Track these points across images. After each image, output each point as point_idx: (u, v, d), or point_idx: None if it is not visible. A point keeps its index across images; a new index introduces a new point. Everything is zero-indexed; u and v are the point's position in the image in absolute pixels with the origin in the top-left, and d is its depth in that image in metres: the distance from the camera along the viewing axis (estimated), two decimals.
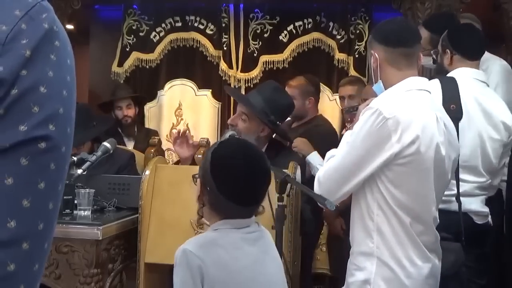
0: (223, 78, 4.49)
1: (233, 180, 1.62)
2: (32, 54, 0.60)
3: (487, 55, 2.90)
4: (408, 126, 1.82)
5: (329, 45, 4.39)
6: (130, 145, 3.93)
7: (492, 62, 3.03)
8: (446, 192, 2.23)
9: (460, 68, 2.52)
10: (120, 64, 4.62)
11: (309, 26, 4.42)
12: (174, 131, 4.46)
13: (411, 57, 1.98)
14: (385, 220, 1.88)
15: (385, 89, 2.00)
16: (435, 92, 2.36)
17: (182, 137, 2.88)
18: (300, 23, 4.43)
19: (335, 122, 4.19)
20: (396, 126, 1.81)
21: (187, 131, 3.03)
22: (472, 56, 2.55)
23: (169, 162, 3.08)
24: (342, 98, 3.64)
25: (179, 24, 4.57)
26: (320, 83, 4.08)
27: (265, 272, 1.68)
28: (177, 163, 3.07)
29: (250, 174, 1.64)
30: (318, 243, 3.92)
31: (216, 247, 1.61)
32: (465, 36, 2.60)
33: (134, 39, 4.60)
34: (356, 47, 4.32)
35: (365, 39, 4.24)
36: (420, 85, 1.96)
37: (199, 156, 2.92)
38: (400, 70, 1.97)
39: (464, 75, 2.48)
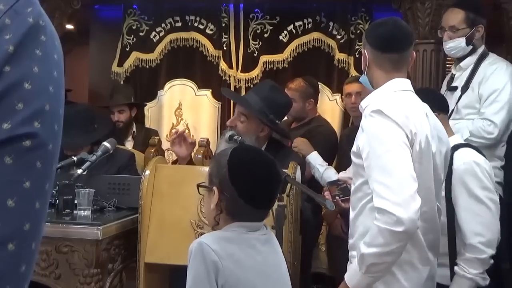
0: (223, 78, 4.49)
1: (253, 185, 1.69)
2: (16, 50, 0.58)
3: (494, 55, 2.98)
4: (407, 124, 1.84)
5: (329, 45, 4.39)
6: (128, 146, 3.93)
7: (501, 61, 3.05)
8: None
9: None
10: (120, 64, 4.61)
11: (309, 26, 4.41)
12: (173, 130, 4.47)
13: (398, 62, 1.98)
14: None
15: (371, 85, 2.03)
16: None
17: (179, 137, 2.88)
18: (300, 23, 4.42)
19: (335, 122, 4.19)
20: (398, 124, 1.83)
21: (185, 131, 3.04)
22: None
23: (169, 162, 3.08)
24: (348, 95, 3.60)
25: (179, 24, 4.57)
26: (320, 83, 4.08)
27: (278, 271, 1.74)
28: (174, 162, 3.07)
29: (267, 178, 1.72)
30: (317, 242, 3.92)
31: (231, 244, 1.65)
32: None
33: (134, 39, 4.60)
34: (357, 47, 4.31)
35: None
36: (405, 86, 1.99)
37: (198, 156, 2.92)
38: (386, 73, 1.98)
39: None
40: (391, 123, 1.83)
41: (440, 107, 2.40)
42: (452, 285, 2.22)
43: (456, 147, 2.30)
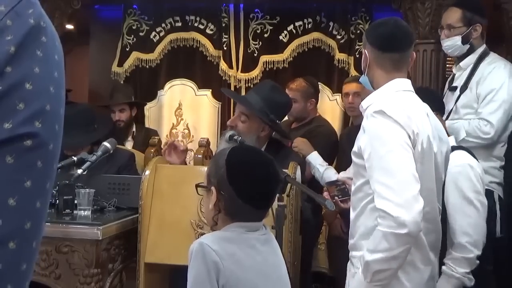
0: (223, 78, 4.49)
1: (251, 185, 1.69)
2: (17, 51, 0.59)
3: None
4: (409, 125, 1.83)
5: (329, 45, 4.39)
6: (128, 146, 3.93)
7: (500, 60, 3.05)
8: None
9: None
10: (120, 64, 4.62)
11: (309, 26, 4.41)
12: (174, 130, 4.47)
13: (399, 62, 1.98)
14: None
15: (372, 86, 2.03)
16: None
17: (169, 147, 2.88)
18: (300, 23, 4.42)
19: (335, 122, 4.19)
20: (401, 124, 1.83)
21: (174, 140, 3.05)
22: None
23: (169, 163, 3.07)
24: (346, 95, 3.62)
25: (179, 24, 4.57)
26: (320, 83, 4.09)
27: (278, 271, 1.74)
28: None
29: (265, 178, 1.72)
30: (317, 242, 3.93)
31: (232, 244, 1.65)
32: None
33: (134, 39, 4.60)
34: (357, 47, 4.31)
35: None
36: (406, 86, 1.99)
37: (198, 156, 2.93)
38: (387, 73, 1.98)
39: None
40: (393, 124, 1.82)
41: (438, 108, 2.41)
42: (438, 284, 2.22)
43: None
